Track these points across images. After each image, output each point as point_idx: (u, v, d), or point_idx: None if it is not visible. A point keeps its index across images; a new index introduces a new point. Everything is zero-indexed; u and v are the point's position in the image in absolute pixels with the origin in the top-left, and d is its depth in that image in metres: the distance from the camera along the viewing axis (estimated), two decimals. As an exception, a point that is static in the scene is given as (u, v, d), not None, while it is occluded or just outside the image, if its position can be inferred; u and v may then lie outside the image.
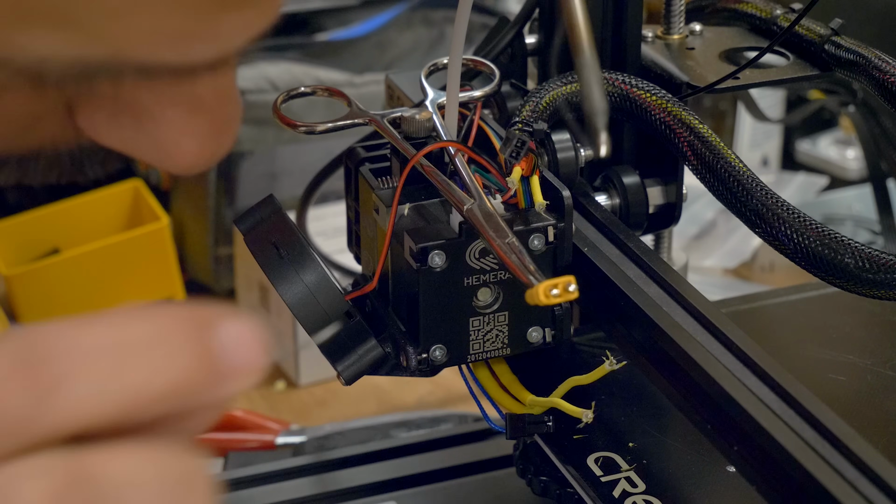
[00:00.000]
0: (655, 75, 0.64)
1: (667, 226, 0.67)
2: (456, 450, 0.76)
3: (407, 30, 1.17)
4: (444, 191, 0.55)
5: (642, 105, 0.61)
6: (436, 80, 0.63)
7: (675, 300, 0.55)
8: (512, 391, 0.60)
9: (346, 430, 0.85)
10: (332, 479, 0.74)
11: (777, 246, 0.56)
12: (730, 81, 0.62)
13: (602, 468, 0.60)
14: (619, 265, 0.57)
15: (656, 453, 0.61)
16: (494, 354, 0.58)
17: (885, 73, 0.61)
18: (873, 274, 0.55)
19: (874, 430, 0.59)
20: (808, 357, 0.66)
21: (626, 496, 0.58)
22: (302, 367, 0.94)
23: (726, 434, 0.50)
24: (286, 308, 0.58)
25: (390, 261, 0.58)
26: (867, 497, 0.44)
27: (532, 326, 0.58)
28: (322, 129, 0.60)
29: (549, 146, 0.61)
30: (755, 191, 0.57)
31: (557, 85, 0.61)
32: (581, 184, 0.63)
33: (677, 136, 0.60)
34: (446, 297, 0.56)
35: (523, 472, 0.65)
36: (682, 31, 0.67)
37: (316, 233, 0.98)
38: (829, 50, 0.64)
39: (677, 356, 0.52)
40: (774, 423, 0.47)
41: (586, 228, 0.60)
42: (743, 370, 0.51)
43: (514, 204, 0.56)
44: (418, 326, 0.56)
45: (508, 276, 0.56)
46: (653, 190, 0.65)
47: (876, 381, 0.64)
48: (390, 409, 0.92)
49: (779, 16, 0.67)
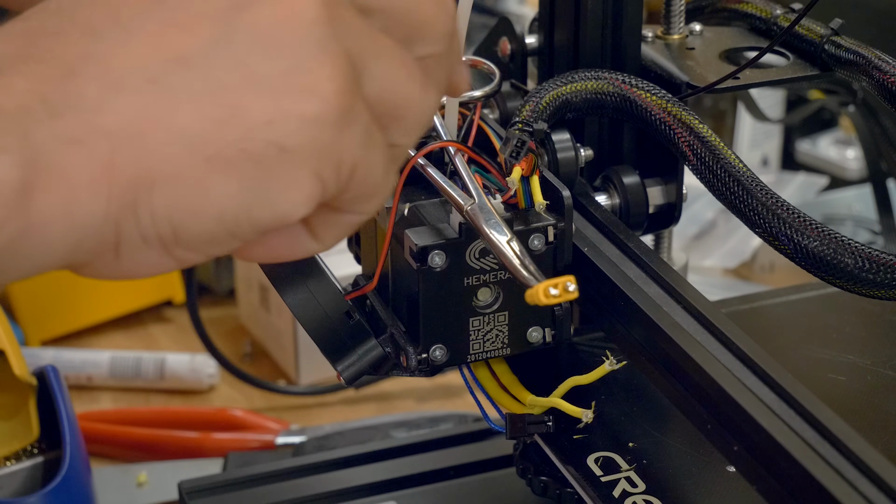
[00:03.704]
0: (655, 75, 0.64)
1: (667, 226, 0.67)
2: (456, 450, 0.76)
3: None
4: (443, 191, 0.55)
5: (642, 105, 0.61)
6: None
7: (675, 300, 0.55)
8: (512, 391, 0.60)
9: (346, 430, 0.85)
10: (332, 479, 0.74)
11: (777, 246, 0.56)
12: (730, 81, 0.62)
13: (602, 468, 0.60)
14: (619, 265, 0.57)
15: (656, 453, 0.61)
16: (494, 354, 0.58)
17: (885, 73, 0.61)
18: (873, 274, 0.55)
19: (874, 430, 0.59)
20: (808, 357, 0.66)
21: (626, 496, 0.58)
22: (302, 367, 0.94)
23: (726, 434, 0.50)
24: (286, 308, 0.58)
25: (390, 261, 0.58)
26: (867, 497, 0.44)
27: (532, 326, 0.58)
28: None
29: (549, 146, 0.61)
30: (755, 191, 0.57)
31: (557, 85, 0.61)
32: (581, 184, 0.63)
33: (677, 136, 0.60)
34: (446, 297, 0.56)
35: (523, 472, 0.65)
36: (682, 31, 0.67)
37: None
38: (829, 50, 0.64)
39: (677, 356, 0.52)
40: (774, 423, 0.47)
41: (586, 228, 0.60)
42: (743, 370, 0.51)
43: (514, 204, 0.56)
44: (418, 326, 0.56)
45: (508, 276, 0.56)
46: (653, 190, 0.65)
47: (876, 381, 0.64)
48: (390, 410, 0.92)
49: (779, 16, 0.67)
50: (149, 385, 0.95)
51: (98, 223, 0.38)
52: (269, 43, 0.38)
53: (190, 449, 0.87)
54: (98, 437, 0.88)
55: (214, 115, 0.38)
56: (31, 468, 0.76)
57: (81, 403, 0.93)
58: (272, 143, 0.38)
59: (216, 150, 0.38)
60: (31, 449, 0.77)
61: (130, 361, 0.95)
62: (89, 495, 0.75)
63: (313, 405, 0.93)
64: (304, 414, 0.92)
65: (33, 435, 0.77)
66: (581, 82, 0.62)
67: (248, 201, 0.39)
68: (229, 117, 0.38)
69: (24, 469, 0.76)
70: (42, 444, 0.77)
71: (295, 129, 0.38)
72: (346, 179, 0.40)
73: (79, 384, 0.95)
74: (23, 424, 0.77)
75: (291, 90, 0.38)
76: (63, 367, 0.91)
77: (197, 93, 0.38)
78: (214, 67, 0.38)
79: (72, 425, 0.75)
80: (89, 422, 0.88)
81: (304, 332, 0.59)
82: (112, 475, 0.85)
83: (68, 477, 0.73)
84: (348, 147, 0.40)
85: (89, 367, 0.95)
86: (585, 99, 0.62)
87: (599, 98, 0.62)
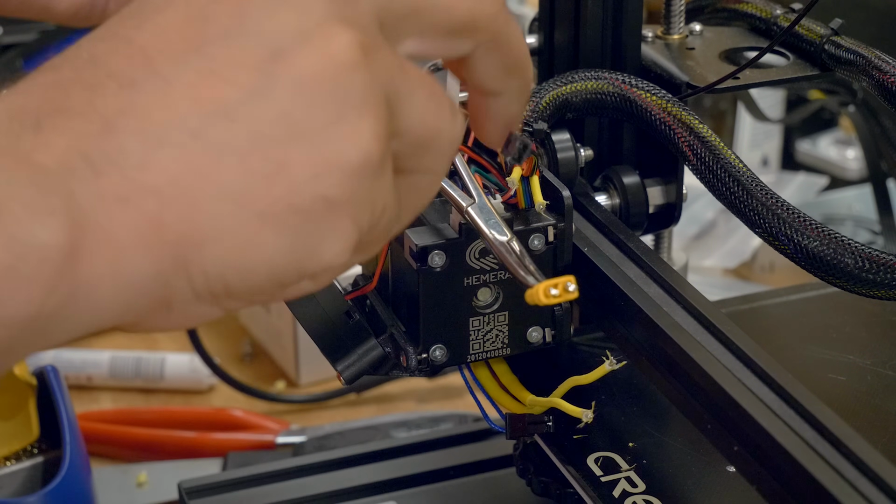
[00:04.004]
0: (655, 75, 0.64)
1: (667, 226, 0.67)
2: (456, 450, 0.76)
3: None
4: (443, 191, 0.55)
5: (642, 105, 0.61)
6: (436, 80, 0.63)
7: (675, 300, 0.55)
8: (512, 391, 0.60)
9: (346, 430, 0.85)
10: (332, 479, 0.74)
11: (777, 246, 0.56)
12: (730, 81, 0.62)
13: (602, 468, 0.60)
14: (619, 265, 0.57)
15: (656, 453, 0.61)
16: (494, 354, 0.58)
17: (885, 73, 0.61)
18: (873, 274, 0.55)
19: (874, 430, 0.59)
20: (808, 357, 0.66)
21: (626, 496, 0.58)
22: (302, 367, 0.94)
23: (726, 434, 0.50)
24: (286, 308, 0.58)
25: (390, 261, 0.58)
26: (867, 497, 0.44)
27: (532, 326, 0.58)
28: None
29: (549, 146, 0.61)
30: (755, 191, 0.57)
31: (557, 85, 0.62)
32: (581, 184, 0.63)
33: (677, 136, 0.60)
34: (446, 297, 0.56)
35: (523, 472, 0.65)
36: (682, 31, 0.67)
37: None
38: (829, 50, 0.64)
39: (677, 356, 0.52)
40: (774, 423, 0.47)
41: (586, 228, 0.60)
42: (743, 370, 0.50)
43: (514, 204, 0.56)
44: (418, 326, 0.56)
45: (508, 276, 0.56)
46: (653, 190, 0.65)
47: (876, 381, 0.64)
48: (391, 410, 0.92)
49: (779, 16, 0.67)
50: (149, 385, 0.95)
51: (148, 283, 0.37)
52: (310, 92, 0.38)
53: (190, 449, 0.87)
54: (98, 437, 0.88)
55: (261, 170, 0.37)
56: (31, 468, 0.76)
57: (81, 403, 0.93)
58: (319, 197, 0.38)
59: (265, 205, 0.37)
60: (31, 449, 0.77)
61: (130, 361, 0.95)
62: (89, 495, 0.75)
63: (313, 405, 0.93)
64: (304, 414, 0.92)
65: (33, 435, 0.77)
66: (581, 82, 0.62)
67: (297, 254, 0.38)
68: (276, 172, 0.37)
69: (24, 469, 0.76)
70: (42, 444, 0.77)
71: (339, 181, 0.38)
72: (377, 221, 0.40)
73: (79, 384, 0.95)
74: (23, 424, 0.77)
75: (334, 141, 0.38)
76: (63, 367, 0.91)
77: (241, 146, 0.37)
78: (257, 119, 0.38)
79: (72, 425, 0.75)
80: (89, 422, 0.88)
81: (304, 332, 0.59)
82: (112, 475, 0.85)
83: (68, 477, 0.73)
84: (381, 191, 0.40)
85: (89, 366, 0.95)
86: (585, 99, 0.62)
87: (599, 98, 0.62)
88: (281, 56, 0.38)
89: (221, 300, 0.39)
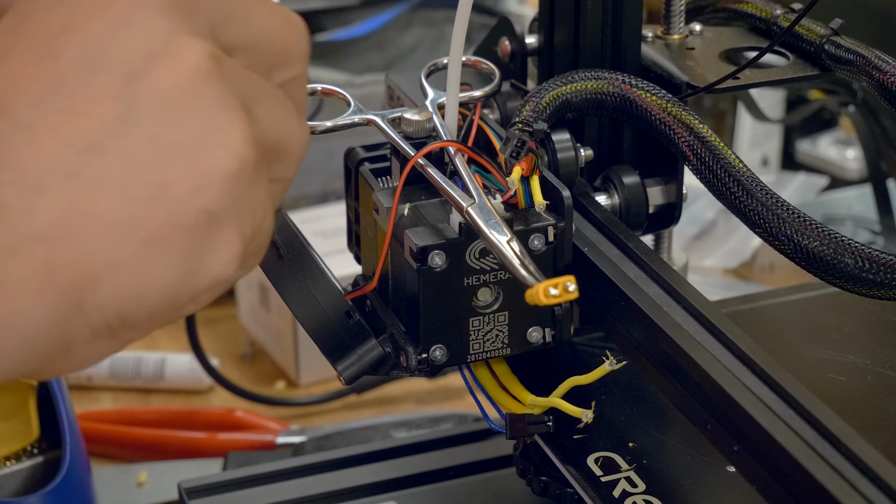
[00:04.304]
0: (655, 75, 0.64)
1: (667, 226, 0.67)
2: (456, 450, 0.76)
3: (407, 30, 1.17)
4: (443, 191, 0.55)
5: (642, 105, 0.61)
6: (436, 80, 0.63)
7: (675, 300, 0.55)
8: (512, 391, 0.60)
9: (346, 430, 0.85)
10: (332, 479, 0.74)
11: (777, 246, 0.56)
12: (730, 81, 0.62)
13: (602, 468, 0.60)
14: (619, 265, 0.57)
15: (656, 453, 0.61)
16: (494, 354, 0.58)
17: (885, 73, 0.61)
18: (873, 274, 0.55)
19: (874, 430, 0.59)
20: (808, 357, 0.66)
21: (626, 496, 0.58)
22: (302, 367, 0.94)
23: (726, 434, 0.50)
24: (286, 308, 0.58)
25: (390, 261, 0.58)
26: (867, 497, 0.44)
27: (532, 326, 0.58)
28: (322, 130, 0.60)
29: (549, 146, 0.61)
30: (755, 191, 0.57)
31: (557, 85, 0.61)
32: (581, 184, 0.63)
33: (677, 136, 0.60)
34: (446, 297, 0.56)
35: (523, 472, 0.65)
36: (682, 31, 0.67)
37: (316, 233, 0.98)
38: (829, 50, 0.64)
39: (677, 356, 0.52)
40: (774, 423, 0.47)
41: (586, 228, 0.60)
42: (743, 370, 0.51)
43: (514, 204, 0.56)
44: (418, 326, 0.56)
45: (508, 276, 0.56)
46: (653, 190, 0.65)
47: (876, 381, 0.64)
48: (390, 411, 0.92)
49: (779, 16, 0.67)
50: (149, 385, 0.95)
51: (47, 330, 0.37)
52: (173, 108, 0.38)
53: (190, 449, 0.87)
54: (98, 437, 0.88)
55: (142, 196, 0.37)
56: (31, 468, 0.76)
57: (81, 403, 0.93)
58: (202, 210, 0.38)
59: (150, 230, 0.38)
60: (31, 449, 0.77)
61: (130, 361, 0.95)
62: (89, 495, 0.75)
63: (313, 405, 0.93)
64: (304, 414, 0.92)
65: (33, 435, 0.77)
66: (581, 82, 0.62)
67: (186, 272, 0.38)
68: (157, 194, 0.38)
69: (24, 469, 0.76)
70: (42, 444, 0.77)
71: (219, 192, 0.38)
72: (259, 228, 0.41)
73: (79, 384, 0.95)
74: (23, 424, 0.77)
75: (208, 151, 0.38)
76: (63, 367, 0.91)
77: (118, 177, 0.37)
78: (128, 146, 0.38)
79: (72, 425, 0.75)
80: (89, 422, 0.88)
81: (304, 332, 0.59)
82: (112, 475, 0.85)
83: (68, 477, 0.73)
84: (259, 197, 0.40)
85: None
86: (585, 99, 0.62)
87: (599, 98, 0.62)
88: (137, 79, 0.38)
89: (118, 332, 0.39)
